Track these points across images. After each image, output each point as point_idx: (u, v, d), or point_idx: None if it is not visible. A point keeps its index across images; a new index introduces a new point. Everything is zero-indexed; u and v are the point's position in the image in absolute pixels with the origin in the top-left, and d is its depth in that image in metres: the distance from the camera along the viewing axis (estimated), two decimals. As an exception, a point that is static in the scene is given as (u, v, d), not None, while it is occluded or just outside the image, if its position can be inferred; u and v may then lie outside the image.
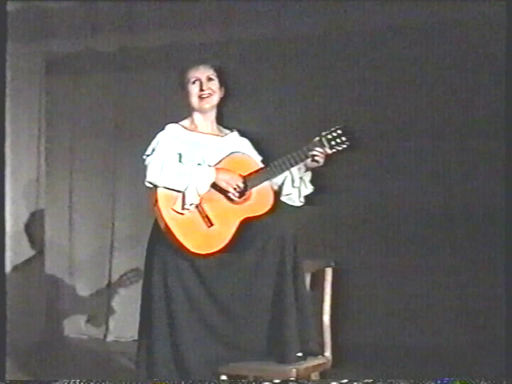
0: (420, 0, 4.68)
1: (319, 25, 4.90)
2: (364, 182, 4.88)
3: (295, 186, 3.33)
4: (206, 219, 3.14)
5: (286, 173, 3.30)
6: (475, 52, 4.68)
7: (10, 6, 4.15)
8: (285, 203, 3.36)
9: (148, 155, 3.23)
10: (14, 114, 5.10)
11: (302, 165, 3.28)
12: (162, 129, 3.29)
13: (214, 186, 3.17)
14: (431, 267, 4.82)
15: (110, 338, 5.44)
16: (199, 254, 3.11)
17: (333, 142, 3.24)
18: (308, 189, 3.36)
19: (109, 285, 5.47)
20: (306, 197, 3.37)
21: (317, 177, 3.38)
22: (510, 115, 3.71)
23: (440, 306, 4.80)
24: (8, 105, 4.47)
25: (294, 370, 3.01)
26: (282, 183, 3.35)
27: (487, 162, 4.64)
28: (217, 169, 3.19)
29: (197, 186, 3.12)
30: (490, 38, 4.52)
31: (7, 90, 4.29)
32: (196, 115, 3.34)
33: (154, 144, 3.25)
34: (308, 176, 3.35)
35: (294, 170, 3.30)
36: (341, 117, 3.93)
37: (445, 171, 4.82)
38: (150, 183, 3.17)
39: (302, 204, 3.36)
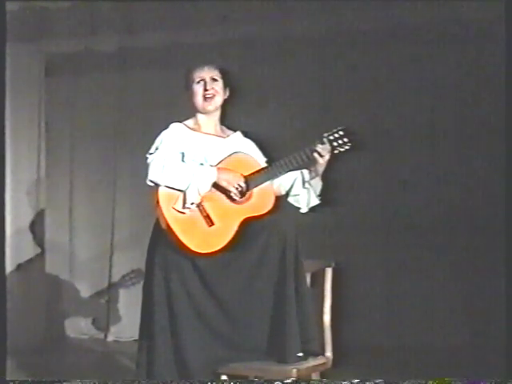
0: (420, 2, 4.69)
1: (324, 26, 4.90)
2: (365, 184, 4.89)
3: (305, 187, 3.33)
4: (207, 218, 3.15)
5: (297, 174, 3.30)
6: (475, 53, 4.68)
7: (9, 6, 4.14)
8: (288, 204, 3.35)
9: (151, 153, 3.23)
10: (14, 113, 5.09)
11: (312, 171, 3.27)
12: (166, 127, 3.29)
13: (216, 185, 3.17)
14: (431, 267, 4.83)
15: (110, 338, 5.44)
16: (200, 253, 3.10)
17: (335, 143, 3.24)
18: (316, 200, 3.34)
19: (109, 285, 5.48)
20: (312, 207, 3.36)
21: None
22: (510, 117, 3.71)
23: (440, 306, 4.80)
24: (8, 105, 4.46)
25: (295, 370, 3.01)
26: (292, 185, 3.35)
27: (488, 163, 4.65)
28: (218, 168, 3.19)
29: (198, 185, 3.12)
30: (489, 38, 4.53)
31: (7, 90, 4.28)
32: (200, 115, 3.34)
33: (157, 142, 3.25)
34: (319, 186, 3.33)
35: (305, 172, 3.30)
36: (344, 118, 3.93)
37: (445, 174, 4.82)
38: (152, 182, 3.17)
39: (306, 211, 3.35)
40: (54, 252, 5.52)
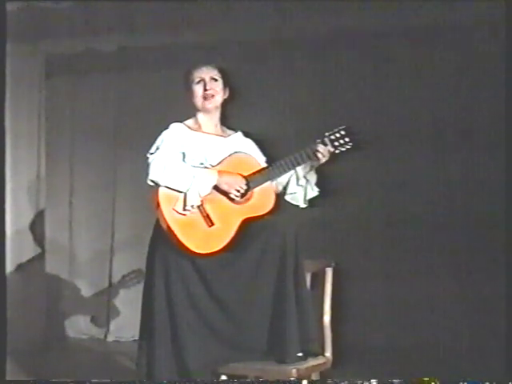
0: (421, 2, 4.68)
1: (324, 26, 4.91)
2: (366, 184, 4.89)
3: (300, 184, 3.33)
4: (207, 219, 3.15)
5: (291, 172, 3.30)
6: (475, 53, 4.68)
7: (9, 6, 4.14)
8: (288, 203, 3.36)
9: (152, 153, 3.23)
10: (14, 113, 5.10)
11: (307, 164, 3.27)
12: (166, 127, 3.29)
13: (216, 187, 3.18)
14: (431, 268, 4.82)
15: (110, 338, 5.44)
16: (200, 254, 3.11)
17: (336, 143, 3.24)
18: (314, 191, 3.35)
19: (110, 285, 5.48)
20: (310, 199, 3.36)
21: (319, 178, 3.37)
22: (511, 117, 3.71)
23: (440, 306, 4.80)
24: (8, 105, 4.46)
25: (295, 370, 3.02)
26: (287, 182, 3.35)
27: (488, 163, 4.65)
28: (219, 172, 3.19)
29: (199, 188, 3.12)
30: (490, 39, 4.53)
31: (7, 90, 4.28)
32: (200, 115, 3.34)
33: (158, 142, 3.25)
34: (313, 178, 3.34)
35: (299, 168, 3.30)
36: (345, 118, 3.93)
37: (445, 174, 4.82)
38: (153, 182, 3.17)
39: (305, 206, 3.35)
40: (54, 252, 5.51)
